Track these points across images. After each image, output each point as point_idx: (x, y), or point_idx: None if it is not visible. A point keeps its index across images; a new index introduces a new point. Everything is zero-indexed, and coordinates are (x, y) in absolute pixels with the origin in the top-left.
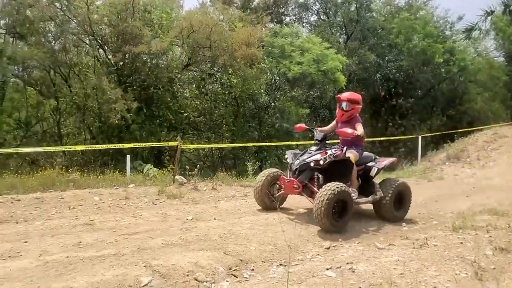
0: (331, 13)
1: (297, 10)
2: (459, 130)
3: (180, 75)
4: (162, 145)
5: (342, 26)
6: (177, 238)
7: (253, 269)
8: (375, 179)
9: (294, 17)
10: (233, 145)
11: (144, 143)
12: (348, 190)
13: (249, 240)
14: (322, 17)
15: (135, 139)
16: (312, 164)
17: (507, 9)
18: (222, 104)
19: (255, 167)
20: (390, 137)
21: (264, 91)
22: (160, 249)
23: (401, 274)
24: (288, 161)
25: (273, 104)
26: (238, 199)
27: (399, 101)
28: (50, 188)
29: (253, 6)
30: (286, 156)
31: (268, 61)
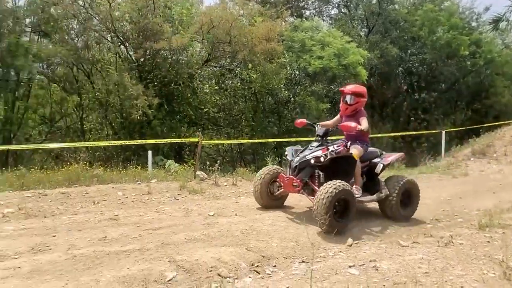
0: (352, 6)
1: (317, 3)
2: (485, 125)
3: (200, 71)
4: (184, 141)
5: (364, 19)
6: (199, 234)
7: (275, 266)
8: (381, 176)
9: (314, 11)
10: (252, 141)
11: (165, 139)
12: (350, 188)
13: (271, 236)
14: (342, 10)
15: (156, 135)
16: (312, 161)
17: None
18: (242, 99)
19: (274, 163)
20: (413, 132)
21: (283, 86)
22: (183, 244)
23: (425, 273)
24: (287, 158)
25: (292, 99)
26: None
27: (422, 95)
28: (75, 183)
29: (272, 0)
30: (286, 153)
31: (288, 56)
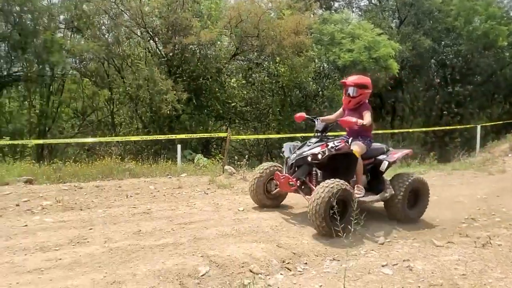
0: None
1: None
2: None
3: (227, 65)
4: (213, 135)
5: (395, 10)
6: (230, 229)
7: (306, 263)
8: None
9: (343, 3)
10: (280, 135)
11: (194, 134)
12: (349, 187)
13: (301, 233)
14: (373, 1)
15: (185, 129)
16: (309, 159)
17: None
18: (269, 93)
19: None
20: (445, 127)
21: (312, 80)
22: (215, 240)
23: (463, 275)
24: (284, 154)
25: (321, 92)
26: None
27: (455, 88)
28: (108, 176)
29: None
30: (283, 149)
31: (317, 49)
